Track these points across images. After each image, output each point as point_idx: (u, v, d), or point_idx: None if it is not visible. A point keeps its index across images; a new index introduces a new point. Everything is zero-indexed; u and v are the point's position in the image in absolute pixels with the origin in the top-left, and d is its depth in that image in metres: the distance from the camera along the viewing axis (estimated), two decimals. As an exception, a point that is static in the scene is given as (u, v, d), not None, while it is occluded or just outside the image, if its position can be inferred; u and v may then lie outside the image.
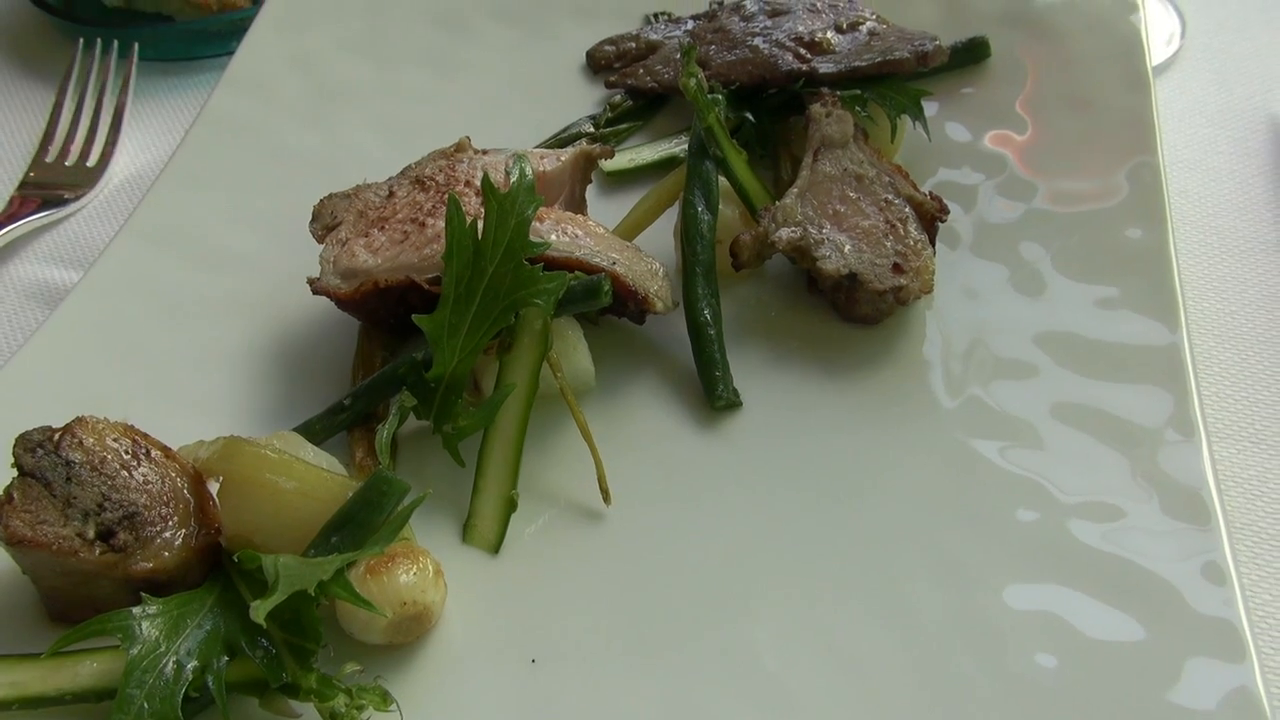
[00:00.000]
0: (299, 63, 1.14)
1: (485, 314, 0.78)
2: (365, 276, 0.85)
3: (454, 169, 0.92)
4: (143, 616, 0.66)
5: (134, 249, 0.96)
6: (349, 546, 0.69)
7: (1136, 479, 0.76)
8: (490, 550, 0.77)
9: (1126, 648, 0.68)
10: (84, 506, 0.69)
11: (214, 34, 1.26)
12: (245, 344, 0.91)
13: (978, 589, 0.72)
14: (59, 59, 1.23)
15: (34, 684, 0.67)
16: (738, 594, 0.74)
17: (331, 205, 0.90)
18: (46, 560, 0.68)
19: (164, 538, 0.70)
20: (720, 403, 0.84)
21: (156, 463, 0.73)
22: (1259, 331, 0.92)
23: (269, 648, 0.67)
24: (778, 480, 0.80)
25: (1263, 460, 0.83)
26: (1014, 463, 0.79)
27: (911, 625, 0.71)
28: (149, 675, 0.64)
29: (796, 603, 0.73)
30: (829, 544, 0.76)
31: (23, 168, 1.13)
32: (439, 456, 0.80)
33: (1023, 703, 0.67)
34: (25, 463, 0.70)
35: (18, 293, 1.03)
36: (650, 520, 0.78)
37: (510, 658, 0.71)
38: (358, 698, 0.65)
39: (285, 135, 1.08)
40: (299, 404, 0.85)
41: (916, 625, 0.71)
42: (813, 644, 0.71)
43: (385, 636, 0.69)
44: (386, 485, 0.71)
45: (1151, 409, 0.79)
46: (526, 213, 0.77)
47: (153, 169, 1.13)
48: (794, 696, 0.69)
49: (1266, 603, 0.75)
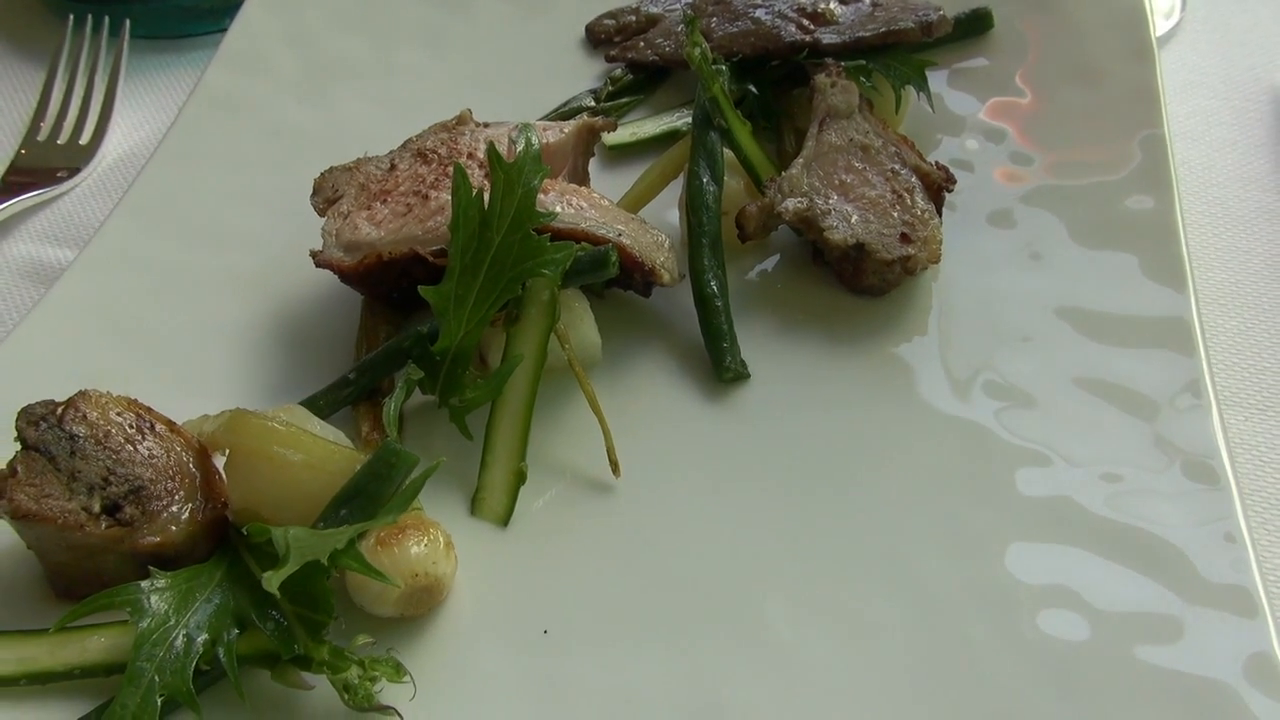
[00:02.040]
0: (293, 39, 1.12)
1: (492, 285, 0.77)
2: (368, 249, 0.84)
3: (456, 141, 0.91)
4: (151, 590, 0.65)
5: (129, 226, 0.95)
6: (358, 518, 0.69)
7: (1147, 446, 0.76)
8: (499, 523, 0.76)
9: (1141, 612, 0.68)
10: (89, 480, 0.68)
11: (206, 11, 1.24)
12: (246, 320, 0.90)
13: (988, 556, 0.72)
14: (49, 37, 1.21)
15: (42, 659, 0.66)
16: (747, 563, 0.74)
17: (332, 178, 0.89)
18: (52, 534, 0.67)
19: (170, 511, 0.69)
20: (728, 374, 0.83)
21: (161, 437, 0.72)
22: (1263, 300, 0.92)
23: (280, 620, 0.66)
24: (785, 451, 0.80)
25: (1270, 427, 0.83)
26: (1022, 431, 0.79)
27: (922, 593, 0.71)
28: (159, 649, 0.64)
29: (806, 572, 0.73)
30: (838, 513, 0.76)
31: (14, 146, 1.11)
32: (445, 430, 0.80)
33: (1036, 669, 0.67)
34: (29, 436, 0.69)
35: (12, 271, 1.01)
36: (659, 491, 0.78)
37: (522, 629, 0.71)
38: (371, 669, 0.65)
39: (281, 111, 1.07)
40: (303, 379, 0.84)
41: (927, 593, 0.71)
42: (823, 613, 0.71)
43: (397, 608, 0.69)
44: (395, 457, 0.70)
45: (1161, 377, 0.79)
46: (533, 183, 0.76)
47: (145, 146, 1.12)
48: (805, 665, 0.68)
49: (1277, 567, 0.75)
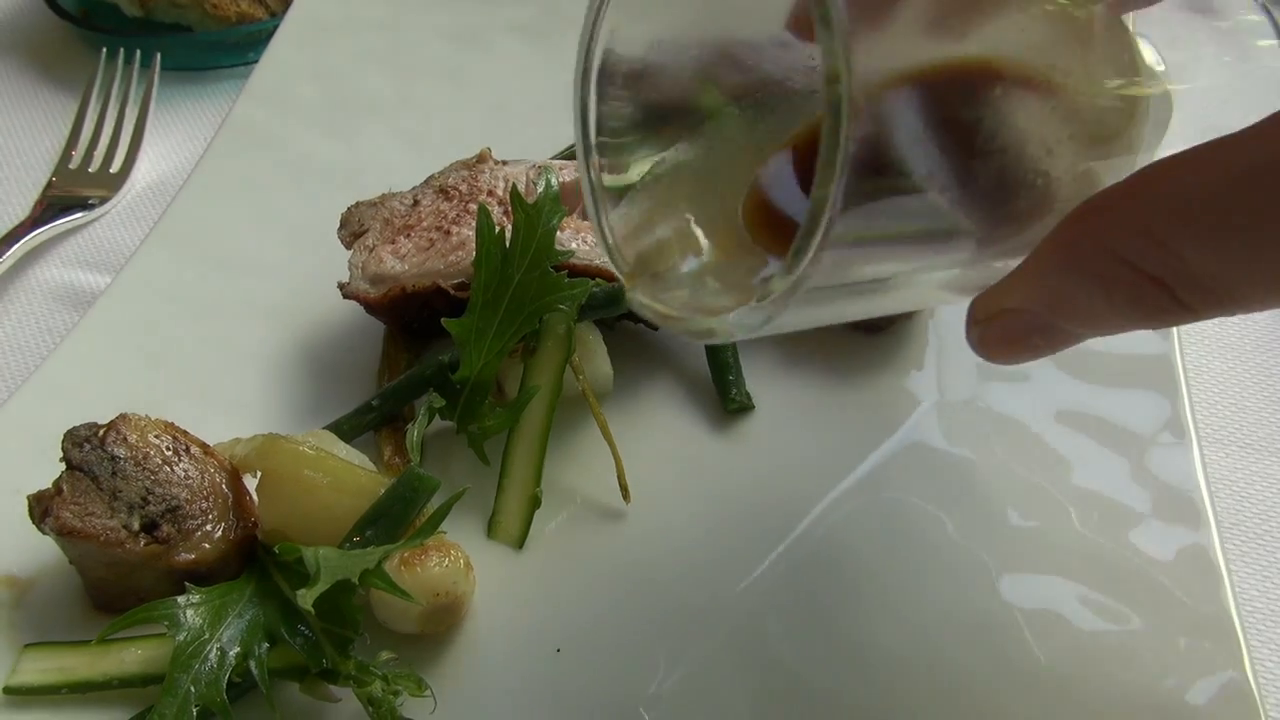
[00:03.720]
0: (319, 74, 1.17)
1: (511, 319, 0.81)
2: (393, 282, 0.88)
3: (476, 179, 0.95)
4: (187, 605, 0.69)
5: (162, 254, 0.99)
6: (382, 540, 0.72)
7: (1130, 480, 0.80)
8: (515, 545, 0.80)
9: (1121, 641, 0.72)
10: (129, 500, 0.72)
11: (232, 45, 1.28)
12: (272, 347, 0.94)
13: (978, 584, 0.76)
14: (82, 69, 1.26)
15: (81, 669, 0.70)
16: (750, 586, 0.77)
17: (358, 213, 0.94)
18: (94, 551, 0.71)
19: (204, 530, 0.73)
20: (733, 405, 0.87)
21: (196, 458, 0.76)
22: (1245, 341, 0.96)
23: (309, 635, 0.70)
24: (788, 478, 0.84)
25: (1248, 463, 0.87)
26: (1012, 463, 0.83)
27: (915, 617, 0.75)
28: (195, 661, 0.67)
29: (806, 595, 0.77)
30: (836, 539, 0.79)
31: (47, 174, 1.15)
32: (463, 455, 0.84)
33: (1021, 691, 0.71)
34: (73, 457, 0.73)
35: (45, 294, 1.05)
36: (667, 516, 0.82)
37: (536, 646, 0.74)
38: (394, 683, 0.68)
39: (307, 145, 1.11)
40: (326, 404, 0.88)
41: (920, 617, 0.75)
42: (822, 637, 0.74)
43: (418, 626, 0.73)
44: (418, 482, 0.74)
45: (1144, 414, 0.84)
46: (553, 222, 0.80)
47: (174, 175, 1.16)
48: (807, 688, 0.72)
49: (1254, 597, 0.79)
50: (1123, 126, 0.53)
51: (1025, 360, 0.50)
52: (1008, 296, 0.48)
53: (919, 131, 0.45)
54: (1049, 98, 0.49)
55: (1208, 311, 0.42)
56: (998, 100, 0.47)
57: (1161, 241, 0.41)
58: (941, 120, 0.46)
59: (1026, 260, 0.47)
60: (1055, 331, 0.47)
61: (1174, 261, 0.41)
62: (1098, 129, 0.52)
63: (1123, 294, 0.43)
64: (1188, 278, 0.41)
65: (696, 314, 0.54)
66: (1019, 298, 0.47)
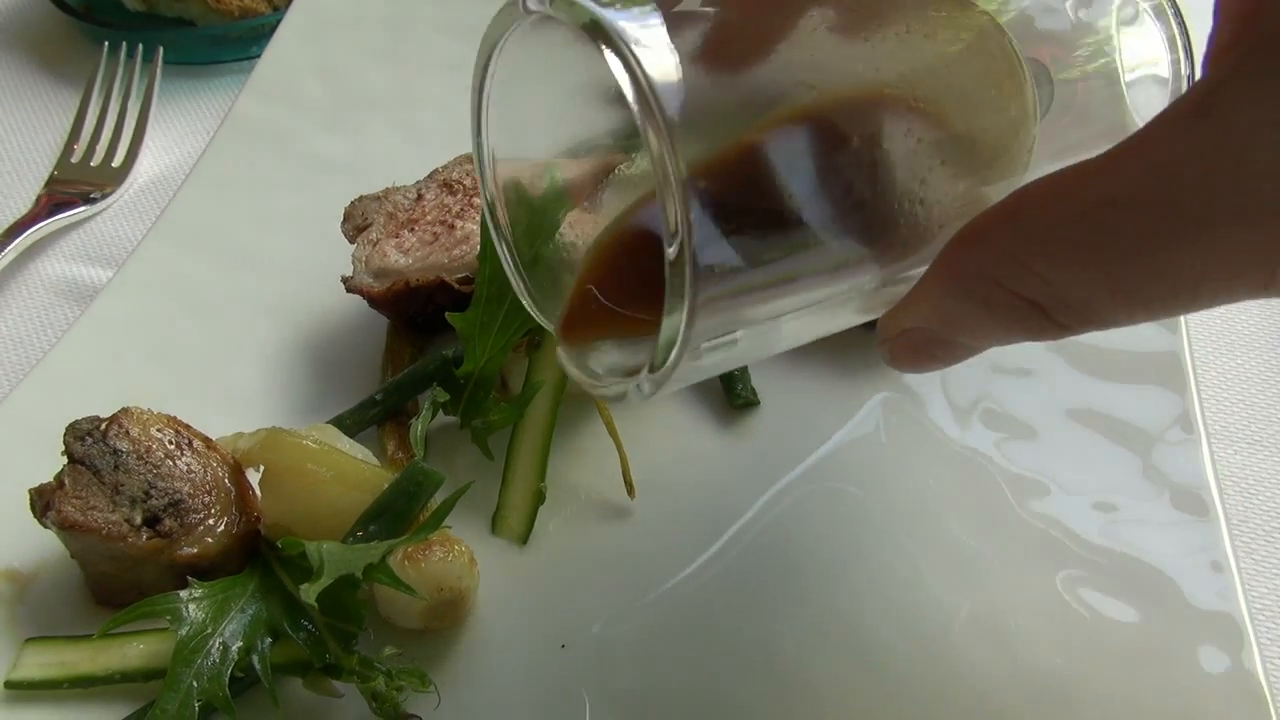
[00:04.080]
0: (322, 69, 1.16)
1: (516, 313, 0.80)
2: (397, 276, 0.88)
3: (480, 173, 0.94)
4: (190, 599, 0.69)
5: (164, 248, 0.98)
6: (386, 535, 0.72)
7: (1139, 477, 0.80)
8: (519, 541, 0.80)
9: (1129, 638, 0.72)
10: (131, 493, 0.72)
11: (235, 39, 1.28)
12: (275, 341, 0.93)
13: (985, 580, 0.76)
14: (84, 62, 1.25)
15: (83, 664, 0.69)
16: (755, 582, 0.77)
17: (362, 207, 0.93)
18: (96, 545, 0.70)
19: (207, 524, 0.73)
20: (739, 401, 0.87)
21: (198, 452, 0.76)
22: (1255, 339, 0.96)
23: (312, 630, 0.69)
24: (792, 474, 0.83)
25: (1258, 460, 0.86)
26: (1020, 461, 0.82)
27: (922, 614, 0.74)
28: (197, 656, 0.67)
29: (812, 591, 0.76)
30: (841, 535, 0.79)
31: (49, 168, 1.15)
32: (467, 450, 0.83)
33: (1027, 689, 0.70)
34: (75, 450, 0.72)
35: (47, 289, 1.05)
36: (672, 512, 0.81)
37: (540, 642, 0.74)
38: (397, 679, 0.68)
39: (310, 139, 1.10)
40: (329, 399, 0.88)
41: (927, 614, 0.74)
42: (829, 633, 0.74)
43: (422, 621, 0.72)
44: (423, 476, 0.74)
45: (1153, 411, 0.83)
46: (557, 217, 0.80)
47: (177, 169, 1.16)
48: (813, 685, 0.72)
49: (1262, 595, 0.78)
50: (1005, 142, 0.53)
51: (933, 369, 0.55)
52: (906, 317, 0.51)
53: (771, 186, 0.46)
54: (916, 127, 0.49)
55: (1081, 328, 0.46)
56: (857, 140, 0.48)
57: (1029, 268, 0.44)
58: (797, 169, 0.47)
59: (918, 284, 0.50)
60: (953, 345, 0.51)
61: (1042, 286, 0.44)
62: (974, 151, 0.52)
63: (1004, 314, 0.46)
64: (1057, 300, 0.44)
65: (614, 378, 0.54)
66: (916, 318, 0.51)
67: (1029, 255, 0.44)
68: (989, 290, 0.46)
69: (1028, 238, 0.45)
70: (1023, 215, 0.45)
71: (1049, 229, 0.44)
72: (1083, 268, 0.43)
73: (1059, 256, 0.44)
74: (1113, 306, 0.44)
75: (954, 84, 0.52)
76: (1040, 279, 0.44)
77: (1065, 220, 0.43)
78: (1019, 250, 0.45)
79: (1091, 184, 0.43)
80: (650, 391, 0.50)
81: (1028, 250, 0.45)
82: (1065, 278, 0.44)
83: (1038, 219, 0.44)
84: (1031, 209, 0.45)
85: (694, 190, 0.43)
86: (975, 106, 0.52)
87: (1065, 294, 0.44)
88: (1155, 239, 0.41)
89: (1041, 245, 0.44)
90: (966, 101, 0.52)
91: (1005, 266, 0.45)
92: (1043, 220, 0.44)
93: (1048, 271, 0.44)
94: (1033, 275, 0.44)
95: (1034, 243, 0.44)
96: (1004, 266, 0.45)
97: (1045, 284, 0.44)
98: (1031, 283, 0.45)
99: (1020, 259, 0.45)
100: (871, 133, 0.48)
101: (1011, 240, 0.45)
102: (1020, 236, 0.45)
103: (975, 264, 0.46)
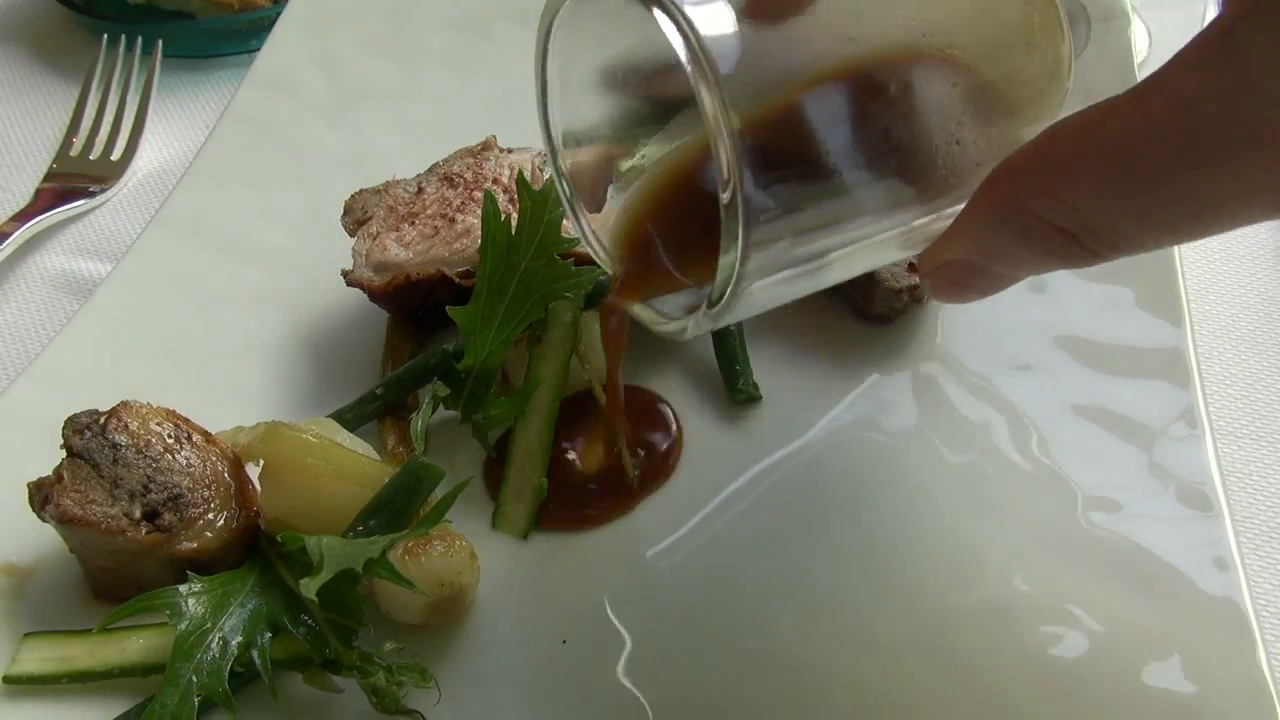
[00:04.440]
0: (322, 61, 1.16)
1: (517, 307, 0.80)
2: (397, 269, 0.87)
3: (481, 166, 0.94)
4: (189, 594, 0.68)
5: (163, 241, 0.98)
6: (386, 529, 0.72)
7: (1143, 472, 0.79)
8: (520, 536, 0.79)
9: (1136, 633, 0.71)
10: (130, 487, 0.71)
11: (235, 32, 1.28)
12: (275, 334, 0.93)
13: (987, 576, 0.75)
14: (82, 55, 1.25)
15: (82, 658, 0.69)
16: (758, 577, 0.76)
17: (362, 200, 0.93)
18: (94, 539, 0.70)
19: (206, 519, 0.72)
20: (740, 395, 0.86)
21: (198, 447, 0.75)
22: (1259, 335, 0.95)
23: (312, 625, 0.69)
24: (795, 469, 0.83)
25: (1262, 456, 0.86)
26: (1025, 455, 0.82)
27: (925, 608, 0.74)
28: (197, 650, 0.66)
29: (814, 586, 0.76)
30: (846, 530, 0.79)
31: (48, 161, 1.14)
32: (467, 445, 0.83)
33: (1032, 684, 0.70)
34: (74, 444, 0.72)
35: (45, 283, 1.04)
36: (673, 507, 0.81)
37: (541, 637, 0.73)
38: (397, 674, 0.67)
39: (310, 133, 1.10)
40: (329, 393, 0.87)
41: (929, 608, 0.74)
42: (833, 628, 0.73)
43: (422, 617, 0.72)
44: (423, 471, 0.73)
45: (1157, 406, 0.82)
46: (558, 209, 0.79)
47: (176, 163, 1.15)
48: (817, 679, 0.71)
49: (1268, 591, 0.78)
50: (1041, 86, 0.56)
51: (973, 299, 0.57)
52: (946, 250, 0.55)
53: (815, 133, 0.50)
54: (953, 74, 0.53)
55: (1110, 254, 0.49)
56: (896, 88, 0.52)
57: (1063, 199, 0.48)
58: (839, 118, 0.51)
59: (958, 218, 0.53)
60: (990, 275, 0.55)
61: (1075, 215, 0.48)
62: (1011, 95, 0.55)
63: (1039, 243, 0.50)
64: (1088, 228, 0.48)
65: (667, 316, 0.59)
66: (956, 250, 0.54)
67: (1060, 187, 0.48)
68: (1024, 221, 0.49)
69: (1059, 170, 0.48)
70: (1054, 150, 0.48)
71: (1078, 162, 0.47)
72: (1111, 196, 0.46)
73: (1088, 187, 0.47)
74: (1139, 230, 0.47)
75: (991, 31, 0.55)
76: (1072, 208, 0.47)
77: (1093, 153, 0.47)
78: (1051, 183, 0.48)
79: (1117, 118, 0.46)
80: (709, 325, 0.54)
81: (1059, 182, 0.48)
82: (1094, 206, 0.47)
83: (1067, 153, 0.48)
84: (1061, 144, 0.48)
85: (744, 141, 0.46)
86: (1012, 53, 0.55)
87: (1095, 221, 0.47)
88: (1177, 166, 0.44)
89: (1072, 177, 0.47)
90: (1004, 48, 0.55)
91: (1038, 198, 0.48)
92: (1072, 154, 0.47)
93: (1078, 201, 0.47)
94: (1064, 205, 0.47)
95: (1065, 175, 0.48)
96: (1037, 199, 0.48)
97: (1076, 213, 0.47)
98: (1063, 212, 0.48)
99: (1052, 190, 0.48)
100: (910, 81, 0.52)
101: (1044, 174, 0.48)
102: (1052, 170, 0.48)
103: (1010, 197, 0.49)
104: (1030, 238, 0.49)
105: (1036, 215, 0.48)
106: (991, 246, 0.52)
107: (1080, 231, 0.48)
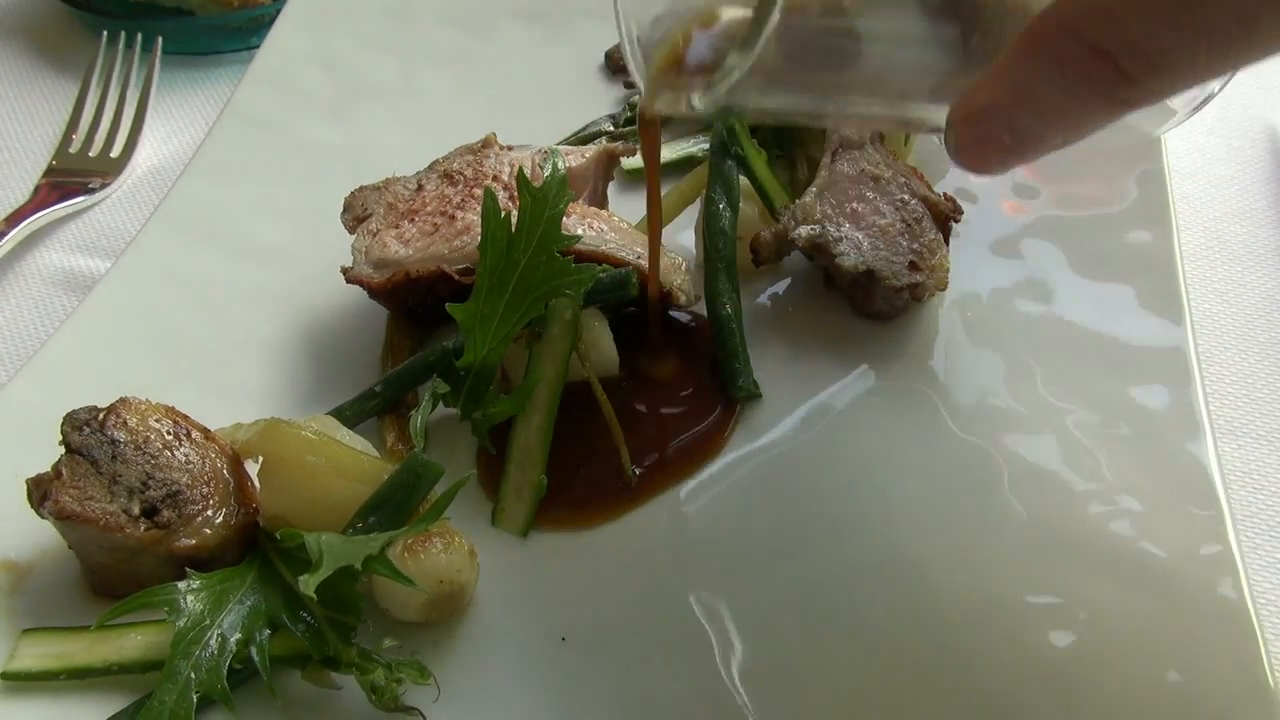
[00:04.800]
0: (322, 59, 1.16)
1: (517, 304, 0.80)
2: (397, 267, 0.87)
3: (481, 164, 0.94)
4: (188, 591, 0.68)
5: (163, 238, 0.98)
6: (385, 526, 0.72)
7: (1144, 471, 0.79)
8: (519, 533, 0.79)
9: (1136, 633, 0.71)
10: (129, 484, 0.71)
11: (234, 29, 1.28)
12: (274, 331, 0.93)
13: (989, 573, 0.75)
14: (82, 52, 1.25)
15: (80, 655, 0.69)
16: (758, 574, 0.76)
17: (362, 197, 0.92)
18: (93, 535, 0.70)
19: (205, 516, 0.72)
20: (741, 393, 0.86)
21: (197, 443, 0.75)
22: (1260, 334, 0.95)
23: (311, 622, 0.69)
24: (795, 466, 0.83)
25: (1262, 455, 0.86)
26: (1025, 453, 0.82)
27: (926, 606, 0.74)
28: (195, 647, 0.66)
29: (813, 584, 0.76)
30: (846, 527, 0.78)
31: (48, 158, 1.14)
32: (467, 442, 0.83)
33: (1034, 681, 0.70)
34: (73, 440, 0.71)
35: (44, 279, 1.04)
36: (672, 504, 0.81)
37: (541, 635, 0.73)
38: (396, 671, 0.67)
39: (310, 129, 1.10)
40: (329, 390, 0.87)
41: (931, 606, 0.74)
42: (834, 626, 0.73)
43: (421, 614, 0.72)
44: (422, 468, 0.73)
45: (1158, 405, 0.82)
46: (559, 207, 0.79)
47: (175, 160, 1.15)
48: (818, 675, 0.71)
49: (1268, 590, 0.78)
50: None
51: (997, 166, 0.56)
52: (980, 94, 0.54)
53: None
54: None
55: (1151, 80, 0.49)
56: None
57: (1111, 15, 0.48)
58: None
59: (998, 59, 0.53)
60: (1020, 131, 0.54)
61: (1119, 31, 0.48)
62: None
63: (1075, 71, 0.50)
64: (1127, 45, 0.48)
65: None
66: (989, 94, 0.54)
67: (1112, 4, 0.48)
68: (1065, 44, 0.49)
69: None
70: None
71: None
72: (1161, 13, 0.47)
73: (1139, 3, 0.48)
74: (1180, 50, 0.48)
75: None
76: (1119, 24, 0.48)
77: None
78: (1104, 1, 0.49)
79: None
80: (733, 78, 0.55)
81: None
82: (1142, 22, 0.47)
83: None
84: None
85: None
86: None
87: (1134, 34, 0.48)
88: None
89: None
90: None
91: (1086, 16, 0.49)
92: None
93: (1127, 16, 0.48)
94: (1112, 22, 0.48)
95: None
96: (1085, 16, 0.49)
97: (1122, 29, 0.48)
98: (1109, 30, 0.48)
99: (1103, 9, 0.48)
100: None
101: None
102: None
103: (1058, 22, 0.50)
104: (1065, 64, 0.49)
105: (1075, 34, 0.49)
106: (1026, 85, 0.52)
107: (1119, 50, 0.48)
